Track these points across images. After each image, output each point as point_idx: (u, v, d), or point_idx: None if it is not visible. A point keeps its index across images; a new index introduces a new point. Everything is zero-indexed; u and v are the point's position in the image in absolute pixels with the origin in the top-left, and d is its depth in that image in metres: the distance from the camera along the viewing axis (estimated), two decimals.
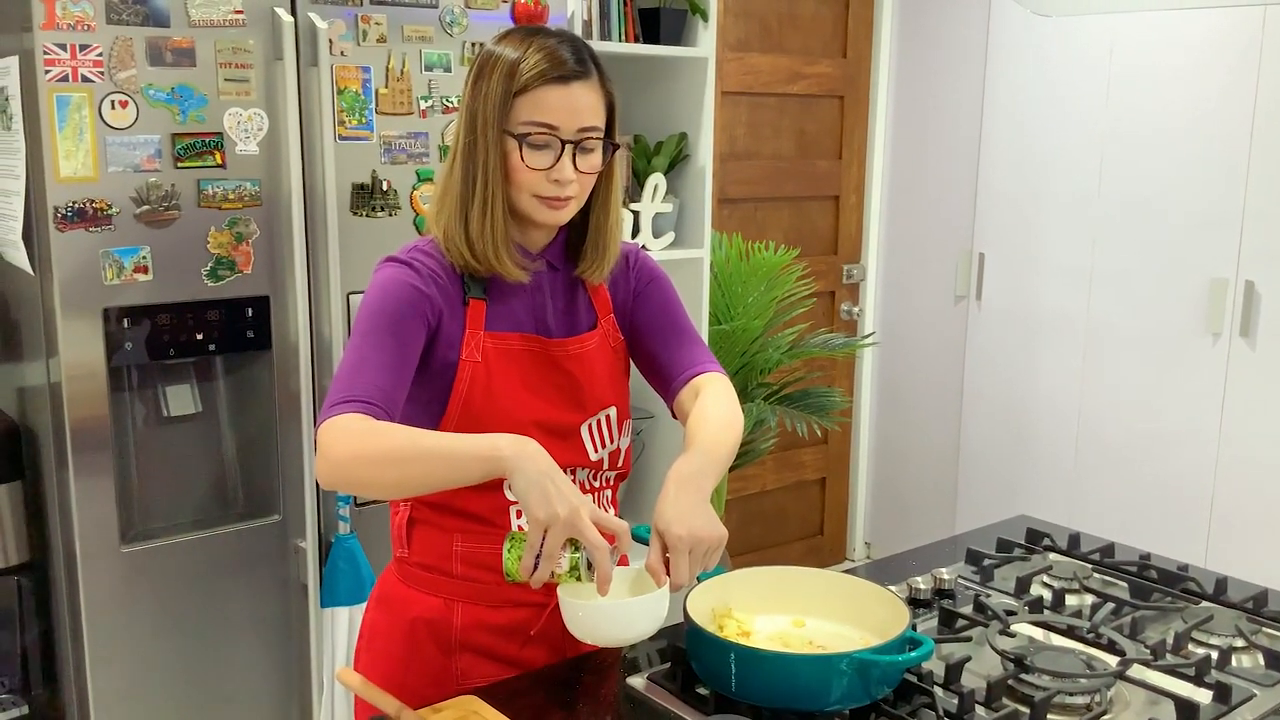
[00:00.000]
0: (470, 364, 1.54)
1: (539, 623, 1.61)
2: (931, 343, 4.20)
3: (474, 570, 1.59)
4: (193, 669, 2.37)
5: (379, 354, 1.47)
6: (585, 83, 1.50)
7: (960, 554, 1.99)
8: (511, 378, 1.56)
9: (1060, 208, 3.71)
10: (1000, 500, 3.95)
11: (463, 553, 1.59)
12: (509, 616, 1.61)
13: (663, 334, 1.70)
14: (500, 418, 1.52)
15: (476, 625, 1.60)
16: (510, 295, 1.58)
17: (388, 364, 1.47)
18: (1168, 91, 3.40)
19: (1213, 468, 3.39)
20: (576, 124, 1.50)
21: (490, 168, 1.50)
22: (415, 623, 1.61)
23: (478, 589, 1.59)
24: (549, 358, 1.60)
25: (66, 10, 2.06)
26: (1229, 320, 3.32)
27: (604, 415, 1.65)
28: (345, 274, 2.40)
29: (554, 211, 1.53)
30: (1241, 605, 1.78)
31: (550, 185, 1.50)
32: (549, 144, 1.49)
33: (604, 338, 1.67)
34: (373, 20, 2.38)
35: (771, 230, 4.01)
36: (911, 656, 1.40)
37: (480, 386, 1.54)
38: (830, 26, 4.09)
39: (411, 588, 1.63)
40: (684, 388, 1.67)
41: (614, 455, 1.67)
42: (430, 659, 1.61)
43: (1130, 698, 1.50)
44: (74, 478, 2.19)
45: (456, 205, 1.53)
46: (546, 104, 1.48)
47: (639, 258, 1.74)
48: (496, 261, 1.53)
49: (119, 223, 2.16)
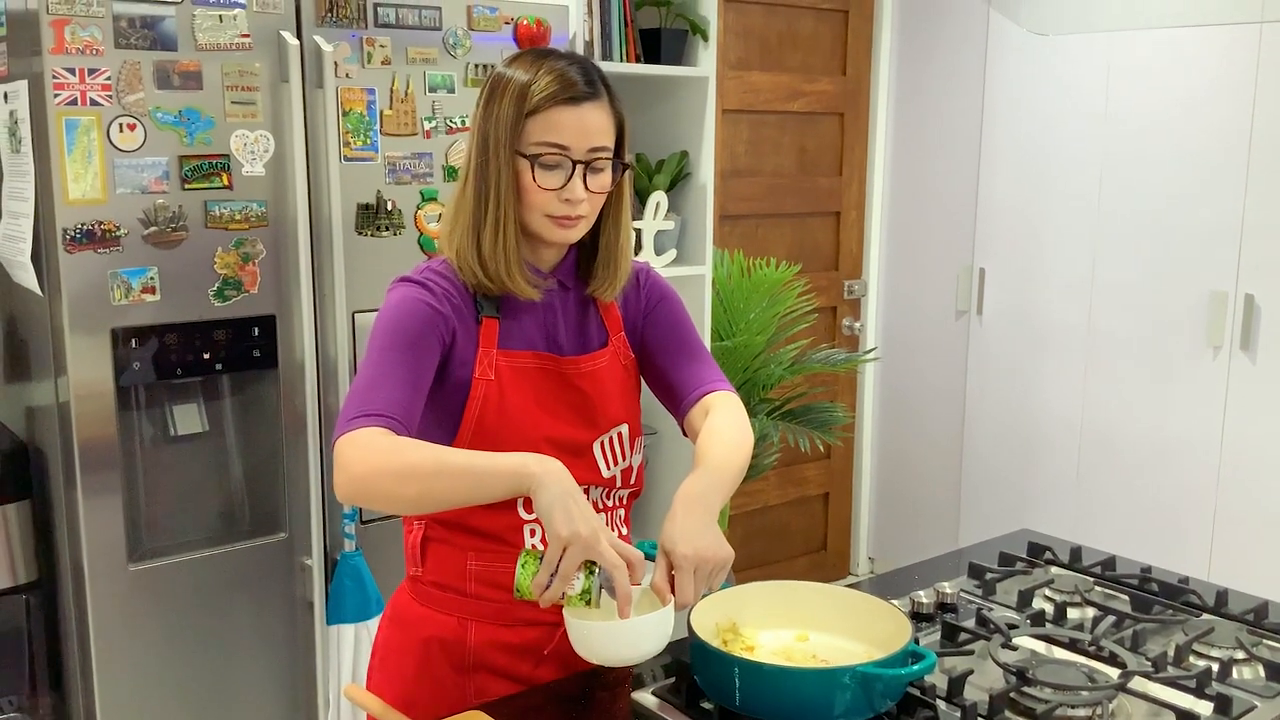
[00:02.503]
0: (484, 381, 1.55)
1: (552, 642, 1.62)
2: (933, 357, 4.22)
3: (487, 589, 1.60)
4: (199, 685, 2.38)
5: (396, 369, 1.48)
6: (595, 104, 1.52)
7: (963, 568, 2.00)
8: (525, 395, 1.57)
9: (1060, 222, 3.73)
10: (1004, 513, 3.96)
11: (477, 571, 1.60)
12: (523, 636, 1.61)
13: (673, 352, 1.72)
14: (513, 435, 1.53)
15: (490, 644, 1.61)
16: (523, 313, 1.60)
17: (405, 379, 1.48)
18: (1166, 106, 3.42)
19: (1215, 479, 3.40)
20: (587, 144, 1.52)
21: (502, 188, 1.52)
22: (429, 642, 1.62)
23: (492, 608, 1.60)
24: (562, 376, 1.61)
25: (75, 35, 2.08)
26: (1229, 333, 3.33)
27: (616, 433, 1.66)
28: (350, 293, 2.42)
29: (564, 231, 1.55)
30: (1242, 617, 1.79)
31: (561, 205, 1.52)
32: (560, 164, 1.51)
33: (615, 355, 1.68)
34: (377, 43, 2.41)
35: (773, 247, 4.04)
36: (914, 670, 1.42)
37: (493, 404, 1.56)
38: (829, 44, 4.12)
39: (425, 606, 1.64)
40: (694, 406, 1.68)
41: (626, 473, 1.68)
42: (444, 678, 1.61)
43: (1132, 710, 1.50)
44: (82, 496, 2.21)
45: (469, 225, 1.54)
46: (558, 125, 1.50)
47: (650, 276, 1.75)
48: (509, 280, 1.54)
49: (127, 244, 2.19)
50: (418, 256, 2.52)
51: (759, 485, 4.13)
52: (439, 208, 2.53)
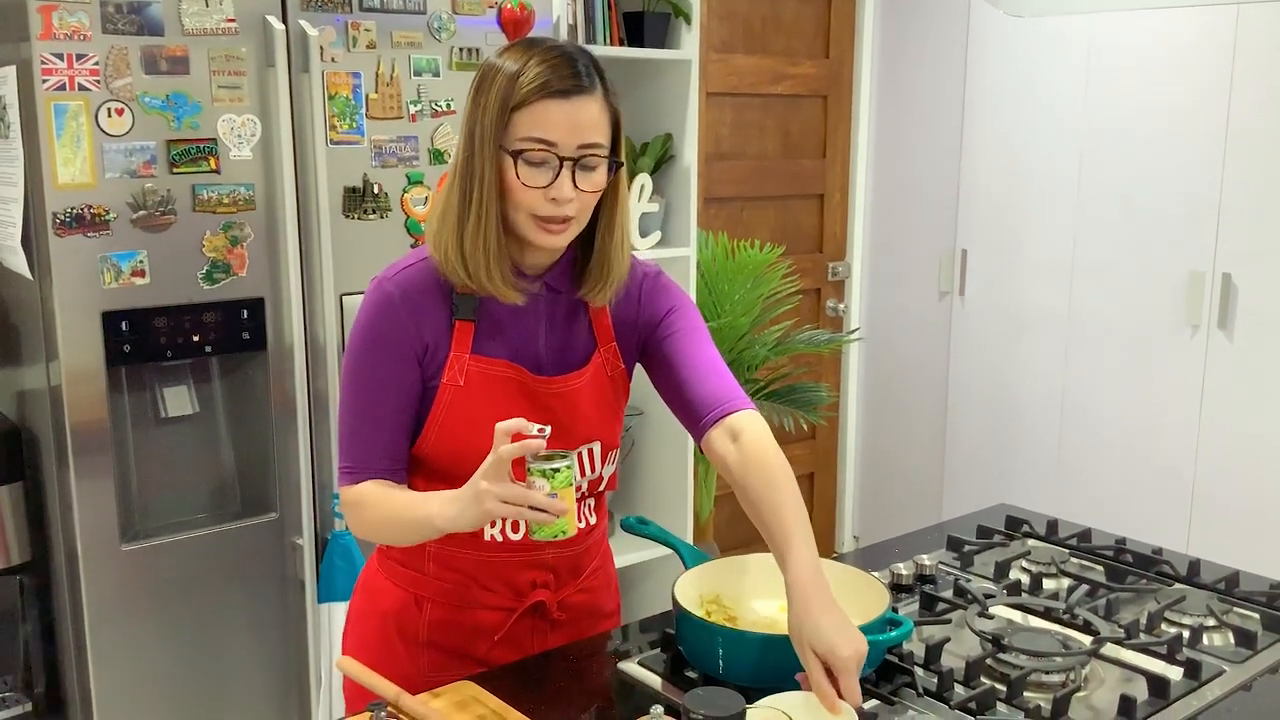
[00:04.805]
0: (451, 387, 1.52)
1: (504, 628, 1.62)
2: (916, 338, 4.26)
3: (443, 570, 1.62)
4: (192, 664, 2.41)
5: (376, 409, 1.52)
6: (588, 97, 1.45)
7: (942, 541, 2.04)
8: (495, 403, 1.52)
9: (1041, 204, 3.77)
10: (986, 491, 4.00)
11: (434, 553, 1.61)
12: (475, 619, 1.62)
13: (690, 367, 1.60)
14: (476, 444, 1.42)
15: (443, 624, 1.62)
16: (503, 320, 1.55)
17: (386, 417, 1.52)
18: (1145, 89, 3.46)
19: (1193, 456, 3.45)
20: (577, 140, 1.44)
21: (486, 184, 1.45)
22: (387, 614, 1.64)
23: (446, 589, 1.62)
24: (533, 393, 1.55)
25: (63, 21, 2.10)
26: (1207, 313, 3.38)
27: (586, 449, 1.60)
28: (338, 275, 2.44)
29: (550, 236, 1.47)
30: (1213, 586, 1.83)
31: (548, 204, 1.44)
32: (546, 161, 1.43)
33: (600, 369, 1.61)
34: (362, 27, 2.42)
35: (757, 229, 4.06)
36: (891, 636, 1.46)
37: (459, 411, 1.52)
38: (813, 27, 4.14)
39: (387, 579, 1.66)
40: (715, 425, 1.56)
41: (595, 482, 1.64)
42: (397, 651, 1.63)
43: (1105, 675, 1.55)
44: (74, 478, 2.23)
45: (453, 223, 1.48)
46: (544, 119, 1.42)
47: (657, 282, 1.65)
48: (488, 281, 1.48)
49: (116, 228, 2.20)
50: (404, 239, 2.54)
51: None
52: (425, 191, 2.55)
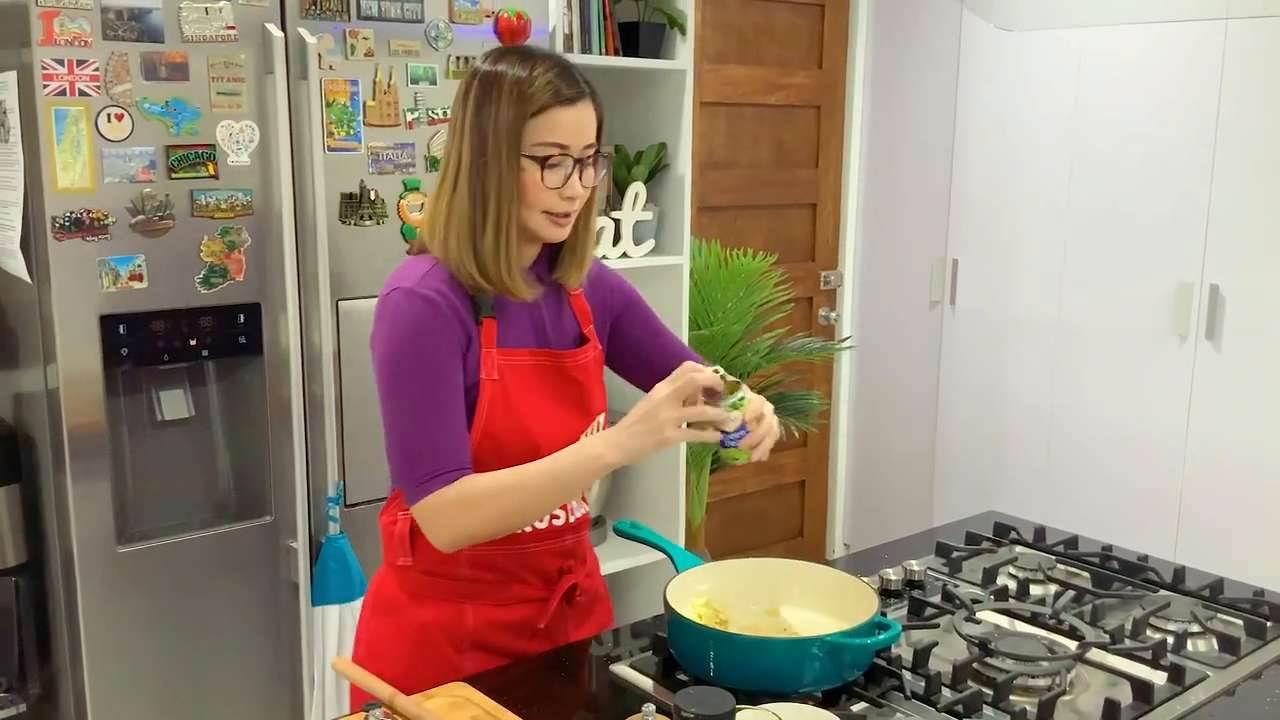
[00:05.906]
0: (490, 383, 1.59)
1: (546, 617, 1.67)
2: (907, 347, 4.29)
3: (482, 571, 1.64)
4: (187, 666, 2.42)
5: (448, 408, 1.54)
6: (586, 102, 1.57)
7: (931, 547, 2.06)
8: (528, 392, 1.62)
9: (1031, 214, 3.80)
10: (975, 499, 4.03)
11: (469, 555, 1.62)
12: (518, 613, 1.66)
13: (655, 344, 1.82)
14: (518, 433, 1.58)
15: (488, 624, 1.65)
16: (514, 312, 1.64)
17: (452, 421, 1.54)
18: (1135, 100, 3.49)
19: (1180, 466, 3.48)
20: (583, 141, 1.57)
21: (504, 191, 1.54)
22: (425, 627, 1.64)
23: (485, 588, 1.64)
24: (560, 369, 1.66)
25: (64, 27, 2.12)
26: (1195, 323, 3.41)
27: (597, 423, 1.71)
28: (335, 281, 2.46)
29: (559, 230, 1.60)
30: (1198, 593, 1.86)
31: (562, 202, 1.57)
32: (561, 163, 1.55)
33: (592, 346, 1.73)
34: (360, 35, 2.45)
35: (750, 237, 4.09)
36: (880, 639, 1.48)
37: (500, 404, 1.59)
38: (806, 38, 4.18)
39: (417, 593, 1.66)
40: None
41: None
42: (441, 660, 1.63)
43: (1090, 679, 1.57)
44: (71, 480, 2.24)
45: (465, 227, 1.56)
46: (559, 125, 1.54)
47: (613, 274, 1.82)
48: (510, 282, 1.58)
49: (115, 232, 2.22)
50: (400, 245, 2.56)
51: (736, 473, 4.18)
52: (421, 197, 2.57)
